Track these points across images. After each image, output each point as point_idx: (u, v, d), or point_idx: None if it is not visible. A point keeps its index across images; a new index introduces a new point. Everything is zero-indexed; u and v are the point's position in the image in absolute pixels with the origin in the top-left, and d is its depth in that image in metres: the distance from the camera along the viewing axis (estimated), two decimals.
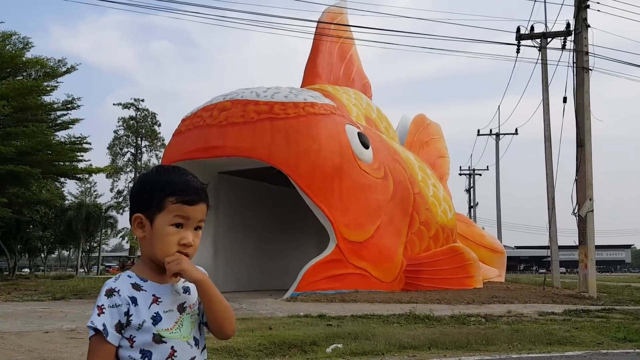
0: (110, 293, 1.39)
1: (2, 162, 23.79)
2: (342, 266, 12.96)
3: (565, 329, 7.54)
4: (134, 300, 1.40)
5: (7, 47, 27.45)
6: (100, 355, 1.36)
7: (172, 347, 1.41)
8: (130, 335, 1.39)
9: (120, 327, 1.38)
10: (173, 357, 1.41)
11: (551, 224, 18.69)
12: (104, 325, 1.36)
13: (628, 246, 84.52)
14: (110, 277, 1.48)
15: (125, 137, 55.60)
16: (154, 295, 1.43)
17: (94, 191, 57.87)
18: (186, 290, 1.49)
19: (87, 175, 35.21)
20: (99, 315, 1.37)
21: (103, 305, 1.38)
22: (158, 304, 1.42)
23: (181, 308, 1.45)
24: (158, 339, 1.39)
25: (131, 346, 1.39)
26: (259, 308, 10.17)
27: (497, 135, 39.31)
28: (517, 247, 76.40)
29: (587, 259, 14.35)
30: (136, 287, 1.43)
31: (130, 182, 55.32)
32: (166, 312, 1.43)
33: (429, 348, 5.95)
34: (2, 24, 35.78)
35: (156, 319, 1.40)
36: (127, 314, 1.39)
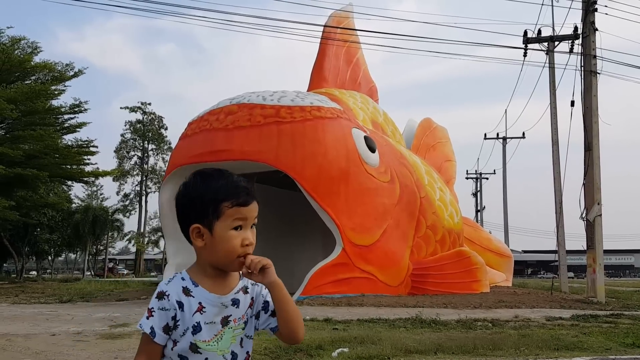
0: (161, 296, 1.43)
1: (10, 166, 23.94)
2: (348, 270, 12.93)
3: (573, 334, 7.48)
4: (180, 306, 1.43)
5: (16, 52, 27.68)
6: (147, 353, 1.43)
7: (207, 358, 1.43)
8: (174, 339, 1.43)
9: (167, 329, 1.42)
10: None
11: (559, 228, 18.60)
12: (151, 328, 1.41)
13: (637, 251, 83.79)
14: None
15: (132, 141, 55.90)
16: (200, 303, 1.44)
17: (101, 194, 58.14)
18: (235, 302, 1.48)
19: (93, 179, 35.34)
20: (148, 318, 1.42)
21: (153, 308, 1.42)
22: (202, 314, 1.43)
23: (225, 321, 1.45)
24: (194, 348, 1.42)
25: (172, 349, 1.43)
26: None
27: (504, 139, 39.22)
28: (525, 252, 76.00)
29: (595, 263, 14.26)
30: (186, 291, 1.44)
31: (136, 185, 55.63)
32: (207, 323, 1.43)
33: (435, 353, 5.92)
34: (12, 29, 36.02)
35: (196, 328, 1.42)
36: (175, 318, 1.43)
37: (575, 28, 17.59)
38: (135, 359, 1.45)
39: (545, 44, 19.91)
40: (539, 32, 20.06)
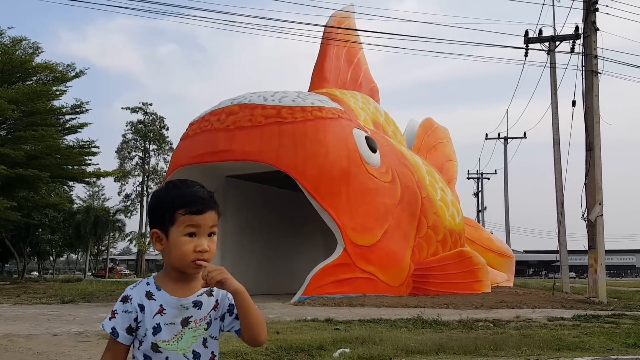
0: (125, 299, 1.55)
1: (11, 166, 23.96)
2: (349, 270, 12.93)
3: (574, 334, 7.46)
4: (142, 308, 1.53)
5: (17, 52, 27.70)
6: (111, 352, 1.55)
7: (167, 357, 1.52)
8: (140, 340, 1.54)
9: (131, 330, 1.53)
10: None
11: (560, 229, 18.57)
12: (112, 328, 1.53)
13: (639, 251, 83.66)
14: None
15: (133, 141, 55.93)
16: (161, 305, 1.53)
17: (102, 195, 58.20)
18: (197, 304, 1.56)
19: (95, 179, 35.40)
20: (110, 319, 1.54)
21: (116, 310, 1.54)
22: (162, 315, 1.53)
23: (185, 322, 1.54)
24: (155, 347, 1.52)
25: (138, 348, 1.54)
26: (266, 312, 10.15)
27: (506, 139, 39.18)
28: (526, 252, 75.93)
29: (596, 263, 14.24)
30: (149, 295, 1.55)
31: (138, 185, 55.69)
32: (167, 324, 1.52)
33: (437, 353, 5.91)
34: (13, 29, 36.06)
35: (156, 329, 1.52)
36: (136, 320, 1.53)
37: (577, 28, 17.57)
38: (102, 356, 1.57)
39: (547, 43, 19.90)
40: (540, 32, 20.05)
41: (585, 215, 14.68)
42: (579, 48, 16.12)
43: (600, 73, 14.80)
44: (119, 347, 1.54)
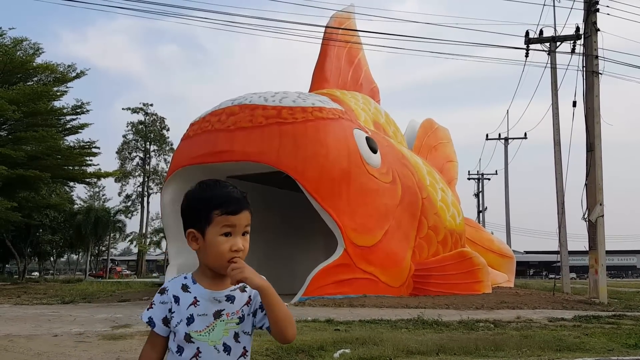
0: (162, 291, 1.63)
1: (12, 167, 23.99)
2: (350, 271, 12.93)
3: (575, 335, 7.46)
4: (176, 300, 1.60)
5: (18, 53, 27.74)
6: (150, 342, 1.64)
7: (198, 348, 1.56)
8: (175, 332, 1.59)
9: (166, 321, 1.60)
10: (197, 358, 1.56)
11: (561, 229, 18.57)
12: (149, 318, 1.61)
13: (639, 251, 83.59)
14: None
15: (134, 142, 56.04)
16: (195, 297, 1.59)
17: (103, 195, 58.33)
18: (230, 298, 1.60)
19: (95, 180, 35.42)
20: (148, 309, 1.63)
21: (154, 301, 1.62)
22: (196, 307, 1.59)
23: (217, 314, 1.58)
24: (188, 338, 1.57)
25: (173, 340, 1.59)
26: None
27: (506, 139, 39.15)
28: (527, 252, 75.85)
29: (597, 264, 14.23)
30: (184, 287, 1.62)
31: (138, 186, 55.78)
32: (200, 315, 1.58)
33: (437, 354, 5.91)
34: (14, 30, 36.13)
35: (190, 320, 1.58)
36: (171, 310, 1.60)
37: (577, 28, 17.57)
38: (144, 345, 1.65)
39: (547, 44, 19.90)
40: (541, 32, 20.06)
41: (586, 215, 14.67)
42: (579, 48, 16.15)
43: (600, 73, 14.82)
44: (156, 337, 1.62)
